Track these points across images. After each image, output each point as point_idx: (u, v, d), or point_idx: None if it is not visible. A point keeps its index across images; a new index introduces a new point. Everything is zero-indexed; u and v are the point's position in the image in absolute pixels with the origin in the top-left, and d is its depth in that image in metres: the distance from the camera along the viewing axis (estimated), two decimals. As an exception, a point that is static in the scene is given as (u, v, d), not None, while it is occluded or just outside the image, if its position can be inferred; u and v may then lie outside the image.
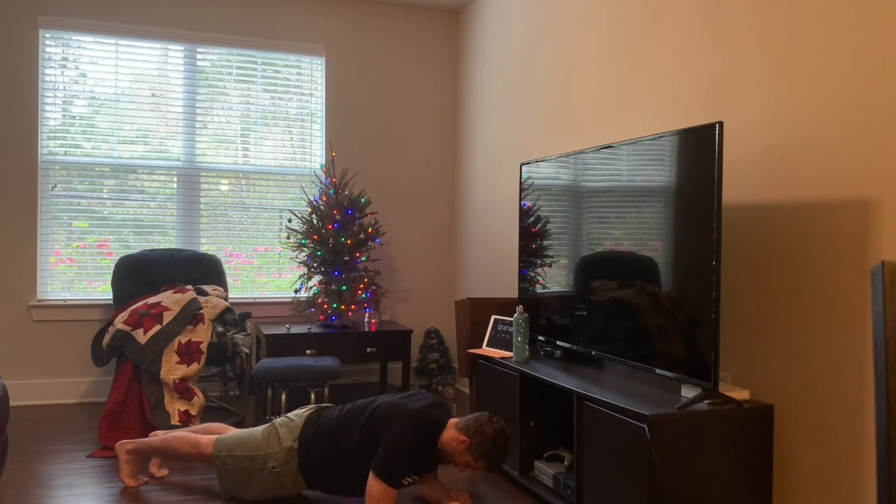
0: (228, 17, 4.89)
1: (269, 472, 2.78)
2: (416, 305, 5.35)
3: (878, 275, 1.41)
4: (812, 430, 2.32)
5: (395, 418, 2.64)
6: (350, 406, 2.85)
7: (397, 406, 2.69)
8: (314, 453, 2.75)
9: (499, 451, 2.64)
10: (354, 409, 2.81)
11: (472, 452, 2.63)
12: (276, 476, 2.78)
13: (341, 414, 2.81)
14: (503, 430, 2.67)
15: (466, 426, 2.66)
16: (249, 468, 2.81)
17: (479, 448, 2.63)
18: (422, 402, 2.72)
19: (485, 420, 2.67)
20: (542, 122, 4.09)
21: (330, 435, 2.76)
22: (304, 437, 2.79)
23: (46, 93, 4.56)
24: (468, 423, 2.67)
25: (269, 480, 2.79)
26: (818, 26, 2.31)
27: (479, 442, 2.63)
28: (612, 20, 3.41)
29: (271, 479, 2.79)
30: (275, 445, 2.80)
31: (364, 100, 5.20)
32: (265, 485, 2.80)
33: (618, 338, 2.76)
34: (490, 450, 2.63)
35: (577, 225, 3.05)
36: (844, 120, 2.22)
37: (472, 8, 5.12)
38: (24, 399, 4.51)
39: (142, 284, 4.25)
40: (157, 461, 3.20)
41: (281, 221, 5.06)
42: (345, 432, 2.74)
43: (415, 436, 2.60)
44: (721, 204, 2.26)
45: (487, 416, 2.69)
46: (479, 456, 2.63)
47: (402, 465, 2.58)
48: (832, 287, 2.25)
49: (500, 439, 2.64)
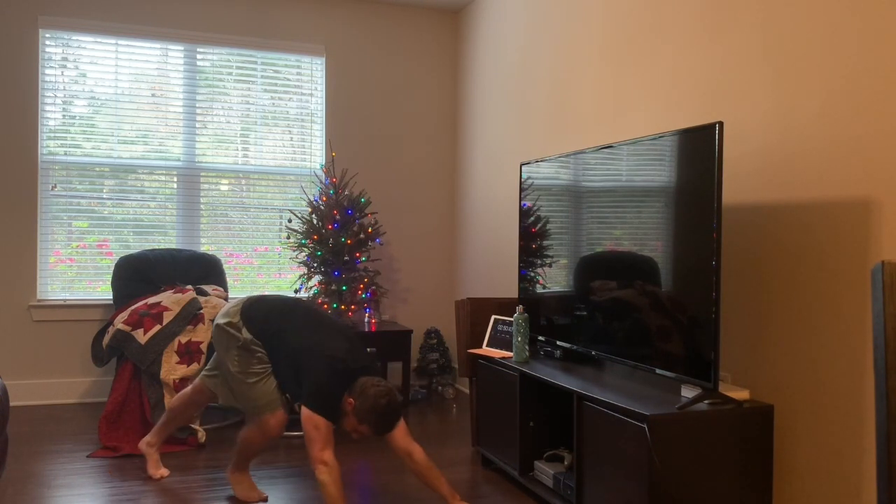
0: (228, 17, 4.89)
1: (238, 350, 2.87)
2: (416, 305, 5.35)
3: (878, 275, 1.41)
4: (812, 430, 2.32)
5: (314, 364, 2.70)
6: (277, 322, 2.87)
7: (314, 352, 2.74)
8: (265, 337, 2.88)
9: (380, 414, 2.62)
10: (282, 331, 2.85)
11: (356, 414, 2.64)
12: (245, 349, 2.86)
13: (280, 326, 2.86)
14: (386, 392, 2.65)
15: (353, 388, 2.67)
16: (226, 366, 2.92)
17: (361, 410, 2.63)
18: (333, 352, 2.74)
19: (371, 383, 2.66)
20: (542, 122, 4.09)
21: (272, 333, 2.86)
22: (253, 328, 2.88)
23: (46, 93, 4.56)
24: (355, 386, 2.67)
25: (244, 356, 2.86)
26: (818, 26, 2.31)
27: (361, 404, 2.62)
28: (611, 20, 3.41)
29: (245, 354, 2.86)
30: (236, 339, 2.88)
31: (364, 100, 5.21)
32: (244, 361, 2.86)
33: (618, 338, 2.76)
34: (369, 411, 2.61)
35: (577, 225, 3.05)
36: (844, 120, 2.22)
37: (472, 8, 5.12)
38: (24, 399, 4.51)
39: (142, 284, 4.25)
40: (154, 462, 3.21)
41: (281, 221, 5.06)
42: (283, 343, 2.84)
43: (328, 377, 2.66)
44: (721, 204, 2.26)
45: (375, 380, 2.68)
46: (362, 419, 2.64)
47: (327, 396, 2.66)
48: (832, 287, 2.25)
49: (382, 401, 2.62)
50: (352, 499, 2.97)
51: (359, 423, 2.65)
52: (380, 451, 3.64)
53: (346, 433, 2.88)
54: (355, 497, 3.00)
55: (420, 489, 3.09)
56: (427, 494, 3.02)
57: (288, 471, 3.32)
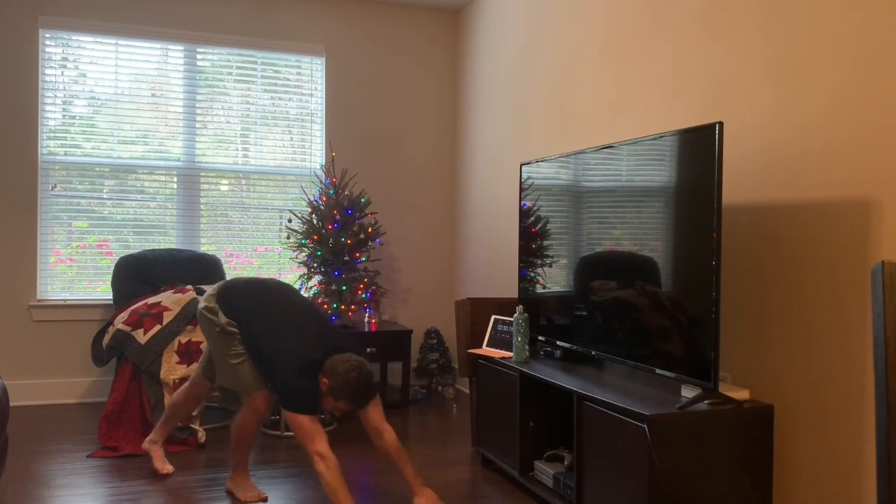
0: (228, 17, 4.89)
1: (218, 334, 2.93)
2: (416, 305, 5.35)
3: (878, 275, 1.41)
4: (812, 430, 2.32)
5: (281, 362, 2.76)
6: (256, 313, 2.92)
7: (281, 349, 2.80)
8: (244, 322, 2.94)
9: (354, 387, 2.69)
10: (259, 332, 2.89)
11: (332, 393, 2.70)
12: (224, 333, 2.91)
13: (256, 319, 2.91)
14: (356, 366, 2.71)
15: (325, 369, 2.74)
16: (211, 347, 2.99)
17: (335, 388, 2.69)
18: (298, 349, 2.78)
19: (340, 360, 2.73)
20: (542, 122, 4.09)
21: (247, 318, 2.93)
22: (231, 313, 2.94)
23: (46, 93, 4.56)
24: (326, 366, 2.74)
25: (224, 339, 2.91)
26: (818, 26, 2.31)
27: (334, 382, 2.69)
28: (611, 20, 3.41)
29: (226, 337, 2.91)
30: (214, 324, 2.94)
31: (364, 100, 5.21)
32: (225, 344, 2.92)
33: (618, 338, 2.76)
34: (343, 386, 2.68)
35: (577, 225, 3.05)
36: (845, 120, 2.22)
37: (472, 8, 5.12)
38: (24, 399, 4.51)
39: (142, 284, 4.25)
40: (159, 458, 3.25)
41: (281, 221, 5.06)
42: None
43: (297, 376, 2.72)
44: (721, 204, 2.26)
45: (345, 357, 2.74)
46: (338, 395, 2.70)
47: (301, 396, 2.72)
48: (832, 287, 2.25)
49: (353, 375, 2.69)
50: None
51: (335, 399, 2.72)
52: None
53: (331, 413, 2.92)
54: (355, 496, 3.00)
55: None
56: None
57: (288, 471, 3.32)
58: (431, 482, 3.19)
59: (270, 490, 3.07)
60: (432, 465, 3.44)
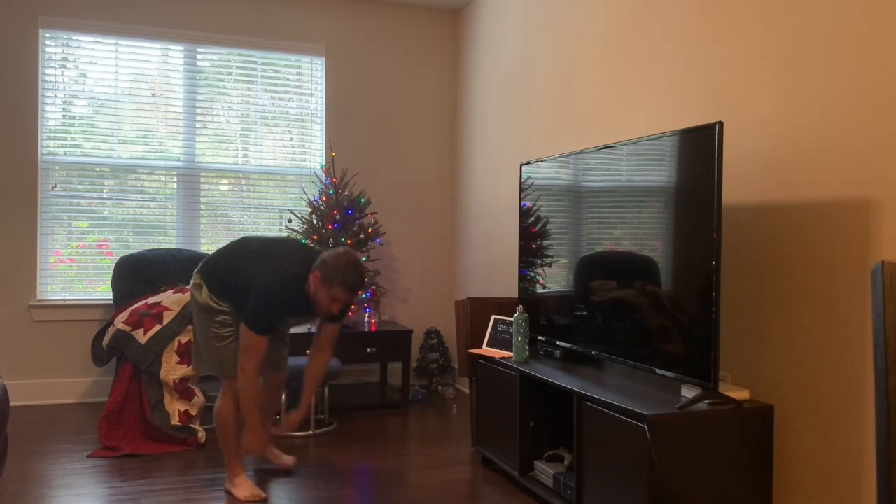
0: (228, 17, 4.89)
1: (201, 313, 2.99)
2: (416, 305, 5.35)
3: (878, 275, 1.41)
4: (812, 430, 2.32)
5: (259, 279, 2.83)
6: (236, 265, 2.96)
7: (262, 270, 2.86)
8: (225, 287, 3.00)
9: (345, 267, 2.73)
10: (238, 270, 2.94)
11: (324, 281, 2.75)
12: (207, 311, 2.97)
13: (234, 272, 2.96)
14: (346, 252, 2.77)
15: (312, 267, 2.81)
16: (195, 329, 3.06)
17: (326, 275, 2.74)
18: (282, 264, 2.84)
19: (326, 253, 2.80)
20: (542, 122, 4.09)
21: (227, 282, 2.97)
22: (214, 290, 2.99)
23: (46, 93, 4.56)
24: (315, 263, 2.81)
25: (205, 318, 2.98)
26: (819, 26, 2.31)
27: (324, 270, 2.74)
28: (612, 20, 3.41)
29: (206, 317, 2.98)
30: (196, 301, 3.01)
31: (364, 100, 5.21)
32: (205, 323, 2.98)
33: (618, 338, 2.76)
34: (333, 269, 2.72)
35: (577, 225, 3.05)
36: (845, 120, 2.22)
37: (472, 8, 5.12)
38: (24, 399, 4.51)
39: (142, 284, 4.25)
40: (275, 456, 3.32)
41: (281, 221, 5.06)
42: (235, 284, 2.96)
43: (271, 290, 2.79)
44: (721, 204, 2.26)
45: (331, 250, 2.81)
46: (330, 283, 2.74)
47: (263, 317, 2.80)
48: (832, 287, 2.25)
49: (342, 259, 2.74)
50: (352, 498, 2.98)
51: (330, 288, 2.75)
52: (381, 450, 3.64)
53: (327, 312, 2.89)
54: (355, 497, 3.00)
55: (421, 490, 3.09)
56: (426, 495, 3.02)
57: (287, 470, 3.32)
58: (431, 482, 3.19)
59: (270, 490, 3.07)
60: (432, 464, 3.44)
